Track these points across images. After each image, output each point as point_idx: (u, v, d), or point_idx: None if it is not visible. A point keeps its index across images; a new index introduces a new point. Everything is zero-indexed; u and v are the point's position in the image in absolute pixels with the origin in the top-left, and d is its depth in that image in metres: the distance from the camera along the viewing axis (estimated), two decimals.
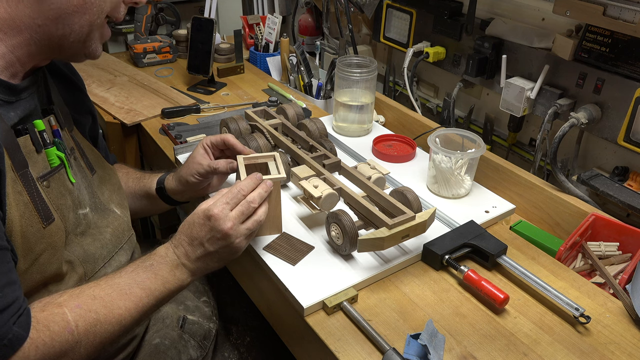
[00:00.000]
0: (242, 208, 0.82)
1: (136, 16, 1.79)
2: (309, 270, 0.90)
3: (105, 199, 0.92)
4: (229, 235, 0.80)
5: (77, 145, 0.88)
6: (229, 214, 0.80)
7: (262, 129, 1.17)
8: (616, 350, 0.79)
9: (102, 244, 0.87)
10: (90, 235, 0.85)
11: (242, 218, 0.82)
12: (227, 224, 0.79)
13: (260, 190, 0.85)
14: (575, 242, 0.99)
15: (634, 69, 1.06)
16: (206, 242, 0.80)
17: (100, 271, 0.86)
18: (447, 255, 0.92)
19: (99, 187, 0.92)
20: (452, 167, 1.07)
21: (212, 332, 1.05)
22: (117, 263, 0.89)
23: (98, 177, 0.92)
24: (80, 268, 0.82)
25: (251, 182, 0.85)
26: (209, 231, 0.80)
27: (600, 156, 1.21)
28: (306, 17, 1.97)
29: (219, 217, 0.79)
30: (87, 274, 0.83)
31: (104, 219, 0.89)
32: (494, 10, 1.36)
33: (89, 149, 0.93)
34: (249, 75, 1.74)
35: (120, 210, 0.94)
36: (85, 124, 0.99)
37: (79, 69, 1.00)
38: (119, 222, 0.92)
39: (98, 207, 0.89)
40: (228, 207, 0.81)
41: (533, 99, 1.25)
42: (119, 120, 1.42)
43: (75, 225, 0.82)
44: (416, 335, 0.77)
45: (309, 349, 0.86)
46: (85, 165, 0.89)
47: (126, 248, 0.93)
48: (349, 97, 1.33)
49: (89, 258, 0.84)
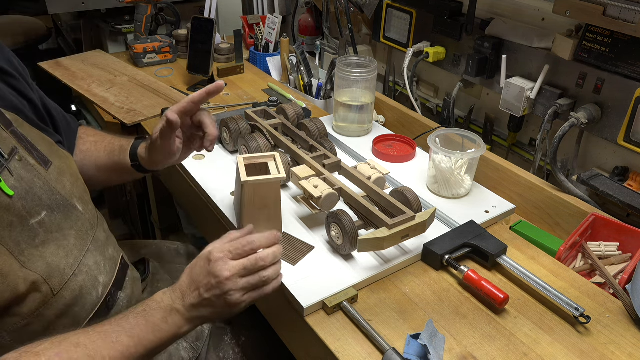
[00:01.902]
0: (247, 262, 0.76)
1: (136, 16, 1.79)
2: (309, 270, 0.90)
3: (67, 192, 0.82)
4: (224, 284, 0.74)
5: (21, 141, 0.77)
6: (229, 262, 0.75)
7: (262, 129, 1.17)
8: (616, 350, 0.79)
9: (67, 250, 0.78)
10: (54, 242, 0.77)
11: (244, 273, 0.76)
12: (225, 273, 0.74)
13: (275, 249, 0.79)
14: (575, 242, 0.99)
15: (634, 69, 1.06)
16: (202, 287, 0.75)
17: (70, 283, 0.78)
18: (447, 255, 0.92)
19: (59, 179, 0.81)
20: (452, 167, 1.07)
21: (205, 332, 1.03)
22: (86, 269, 0.81)
23: (56, 169, 0.81)
24: (44, 286, 0.74)
25: (264, 239, 0.78)
26: (206, 275, 0.75)
27: (600, 156, 1.21)
28: (306, 17, 1.97)
29: (217, 262, 0.75)
30: (55, 289, 0.76)
31: (67, 219, 0.80)
32: (494, 10, 1.36)
33: (39, 138, 0.82)
34: (249, 75, 1.74)
35: (82, 206, 0.84)
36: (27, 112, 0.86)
37: (79, 69, 0.98)
38: (82, 220, 0.83)
39: (60, 205, 0.79)
40: (230, 255, 0.76)
41: (533, 99, 1.25)
42: (119, 120, 1.42)
43: (31, 237, 0.73)
44: (416, 335, 0.77)
45: (309, 348, 0.86)
46: (37, 161, 0.78)
47: (92, 249, 0.84)
48: (349, 97, 1.33)
49: (53, 272, 0.75)
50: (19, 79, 0.85)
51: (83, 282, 0.80)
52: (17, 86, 0.84)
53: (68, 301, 0.78)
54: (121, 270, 0.92)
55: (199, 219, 1.22)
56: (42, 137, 0.83)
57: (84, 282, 0.81)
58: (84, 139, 1.04)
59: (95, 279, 0.83)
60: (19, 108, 0.82)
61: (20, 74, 0.86)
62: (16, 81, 0.84)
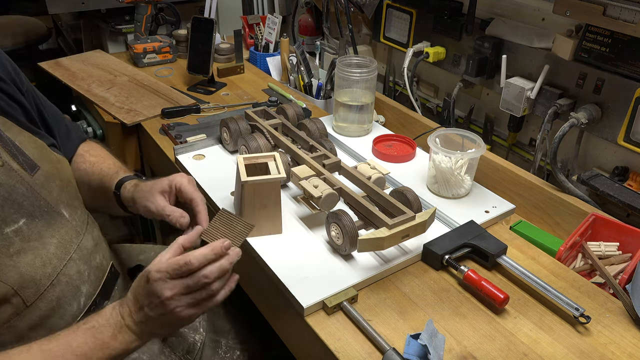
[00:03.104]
0: (190, 281, 0.72)
1: (136, 16, 1.79)
2: (309, 270, 0.90)
3: (53, 199, 0.79)
4: (168, 303, 0.71)
5: (5, 146, 0.75)
6: (168, 281, 0.71)
7: (262, 129, 1.17)
8: (616, 350, 0.79)
9: (45, 260, 0.75)
10: (31, 251, 0.74)
11: (187, 290, 0.72)
12: (166, 292, 0.70)
13: (220, 264, 0.73)
14: (575, 242, 0.99)
15: (634, 69, 1.06)
16: (146, 307, 0.72)
17: (46, 293, 0.75)
18: (447, 255, 0.92)
19: (46, 185, 0.79)
20: (452, 167, 1.07)
21: (196, 344, 0.99)
22: (66, 278, 0.78)
23: (44, 174, 0.79)
24: (15, 298, 0.71)
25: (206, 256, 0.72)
26: (147, 295, 0.72)
27: (600, 156, 1.21)
28: (306, 17, 1.97)
29: (157, 282, 0.71)
30: (28, 301, 0.73)
31: (49, 226, 0.77)
32: (494, 10, 1.36)
33: (29, 142, 0.80)
34: (249, 75, 1.74)
35: (69, 213, 0.82)
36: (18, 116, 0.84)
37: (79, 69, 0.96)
38: (67, 228, 0.80)
39: (43, 211, 0.77)
40: (168, 276, 0.71)
41: (533, 99, 1.25)
42: (119, 120, 1.42)
43: (5, 246, 0.71)
44: (416, 335, 0.77)
45: (309, 349, 0.86)
46: (21, 166, 0.76)
47: (75, 258, 0.81)
48: (349, 97, 1.33)
49: (27, 282, 0.73)
50: (8, 83, 0.83)
51: (61, 293, 0.78)
52: (6, 90, 0.82)
53: (44, 312, 0.76)
54: (110, 279, 0.89)
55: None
56: (32, 140, 0.82)
57: (63, 292, 0.78)
58: (85, 157, 1.01)
59: (77, 288, 0.81)
60: (8, 111, 0.81)
61: (12, 78, 0.84)
62: (6, 85, 0.82)
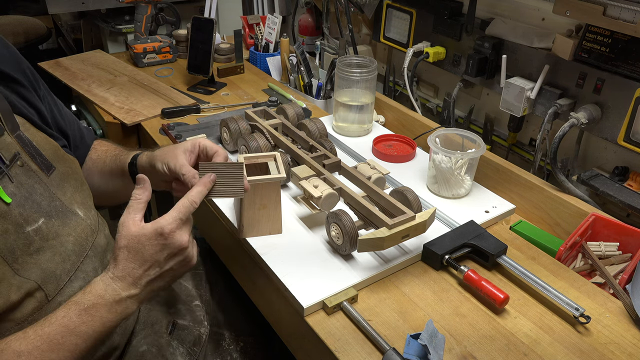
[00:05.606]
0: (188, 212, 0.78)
1: (136, 16, 1.79)
2: (309, 270, 0.90)
3: (67, 199, 0.82)
4: (186, 248, 0.77)
5: (25, 146, 0.78)
6: (182, 227, 0.77)
7: (262, 129, 1.17)
8: (616, 350, 0.79)
9: (64, 257, 0.78)
10: (50, 249, 0.77)
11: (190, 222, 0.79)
12: (184, 237, 0.77)
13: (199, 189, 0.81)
14: (575, 242, 0.99)
15: (634, 69, 1.06)
16: (162, 261, 0.76)
17: (65, 288, 0.78)
18: (447, 255, 0.92)
19: (60, 185, 0.82)
20: (452, 167, 1.07)
21: (202, 337, 1.02)
22: (83, 274, 0.81)
23: (59, 174, 0.82)
24: (39, 292, 0.74)
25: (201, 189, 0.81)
26: (164, 248, 0.76)
27: (600, 156, 1.21)
28: (306, 17, 1.97)
29: (173, 233, 0.76)
30: (50, 295, 0.76)
31: (65, 225, 0.80)
32: (494, 10, 1.36)
33: (45, 142, 0.83)
34: (249, 75, 1.74)
35: (83, 212, 0.84)
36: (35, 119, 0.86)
37: (79, 69, 0.97)
38: (82, 226, 0.83)
39: (59, 211, 0.80)
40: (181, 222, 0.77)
41: (533, 99, 1.24)
42: (119, 120, 1.42)
43: (26, 245, 0.73)
44: (416, 335, 0.77)
45: (309, 349, 0.86)
46: (39, 167, 0.79)
47: (91, 255, 0.84)
48: (349, 97, 1.33)
49: (49, 278, 0.75)
50: (29, 89, 0.86)
51: (79, 288, 0.79)
52: (26, 95, 0.85)
53: None
54: None
55: (199, 219, 1.22)
56: (47, 140, 0.84)
57: (80, 288, 0.79)
58: (97, 149, 1.04)
59: None
60: (27, 115, 0.84)
61: (32, 85, 0.88)
62: (26, 91, 0.85)
